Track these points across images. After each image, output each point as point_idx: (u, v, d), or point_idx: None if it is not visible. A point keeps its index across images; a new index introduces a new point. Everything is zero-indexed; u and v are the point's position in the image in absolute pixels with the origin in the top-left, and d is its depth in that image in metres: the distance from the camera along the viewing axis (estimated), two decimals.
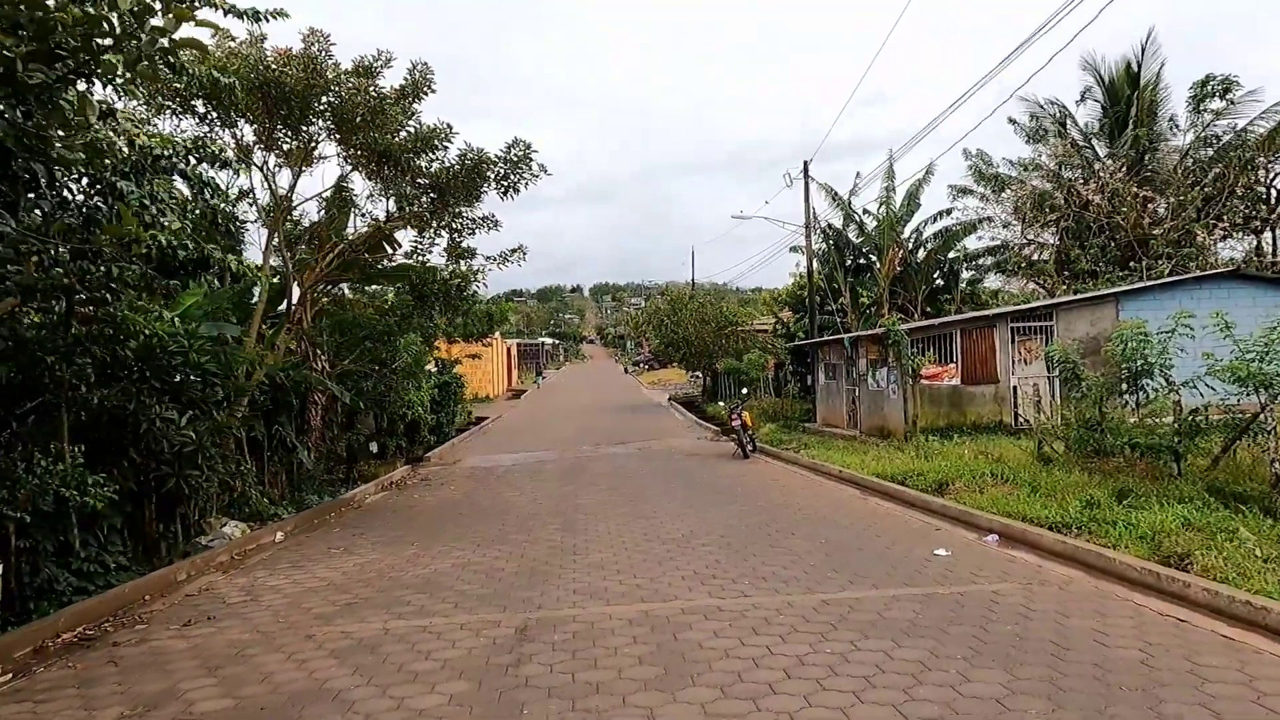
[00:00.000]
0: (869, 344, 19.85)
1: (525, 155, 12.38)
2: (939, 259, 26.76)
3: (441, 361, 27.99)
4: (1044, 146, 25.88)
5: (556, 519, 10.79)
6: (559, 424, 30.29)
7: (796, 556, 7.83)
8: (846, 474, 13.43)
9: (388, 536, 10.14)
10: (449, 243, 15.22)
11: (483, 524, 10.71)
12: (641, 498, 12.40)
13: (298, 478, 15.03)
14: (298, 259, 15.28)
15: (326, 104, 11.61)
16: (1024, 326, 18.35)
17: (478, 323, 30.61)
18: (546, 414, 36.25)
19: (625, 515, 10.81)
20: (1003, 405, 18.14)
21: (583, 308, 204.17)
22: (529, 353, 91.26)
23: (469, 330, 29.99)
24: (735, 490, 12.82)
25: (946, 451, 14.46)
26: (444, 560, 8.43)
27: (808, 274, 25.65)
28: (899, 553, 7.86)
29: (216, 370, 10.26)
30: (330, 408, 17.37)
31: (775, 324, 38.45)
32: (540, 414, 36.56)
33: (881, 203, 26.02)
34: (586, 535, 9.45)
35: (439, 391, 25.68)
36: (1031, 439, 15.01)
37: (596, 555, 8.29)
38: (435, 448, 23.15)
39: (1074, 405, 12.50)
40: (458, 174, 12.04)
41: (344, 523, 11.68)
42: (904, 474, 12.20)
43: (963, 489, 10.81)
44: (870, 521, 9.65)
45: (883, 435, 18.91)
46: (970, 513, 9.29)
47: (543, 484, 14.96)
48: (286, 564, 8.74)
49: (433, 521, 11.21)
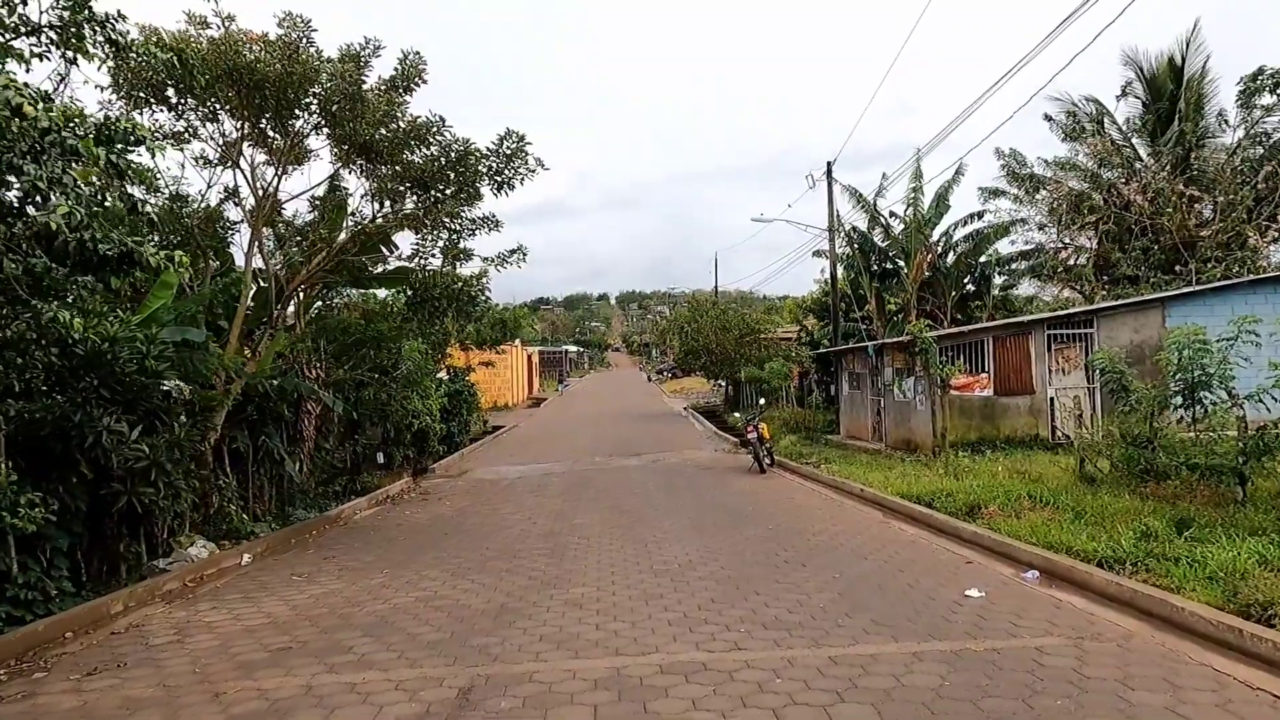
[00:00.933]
0: (895, 352, 18.74)
1: (519, 148, 11.47)
2: (969, 263, 25.47)
3: (453, 369, 27.23)
4: (1081, 145, 24.57)
5: (546, 542, 9.84)
6: (574, 434, 29.41)
7: (805, 595, 6.81)
8: (868, 493, 12.35)
9: (360, 561, 9.26)
10: (445, 243, 14.39)
11: (466, 547, 9.79)
12: (644, 518, 11.43)
13: (287, 492, 14.27)
14: (289, 260, 14.55)
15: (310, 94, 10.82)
16: (1061, 334, 17.14)
17: (490, 329, 29.92)
18: (563, 423, 35.38)
19: (622, 538, 9.84)
20: (1039, 418, 16.94)
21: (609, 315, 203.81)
22: (552, 360, 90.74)
23: (481, 337, 29.30)
24: (746, 510, 11.80)
25: (978, 469, 13.33)
26: (409, 593, 7.52)
27: (830, 279, 24.55)
28: (924, 592, 6.80)
29: (178, 379, 9.47)
30: (326, 417, 16.61)
31: (799, 331, 37.33)
32: (557, 423, 35.71)
33: (908, 204, 24.82)
34: (573, 564, 8.49)
35: (449, 400, 24.90)
36: (1072, 456, 13.83)
37: (578, 589, 7.33)
38: (445, 458, 22.35)
39: (1121, 419, 11.36)
40: (442, 167, 11.11)
41: (321, 543, 10.83)
42: (931, 494, 11.11)
43: (997, 513, 9.71)
44: (893, 551, 8.58)
45: (909, 449, 17.77)
46: (1007, 543, 8.18)
47: (543, 499, 14.04)
48: (238, 594, 7.88)
49: (414, 543, 10.32)
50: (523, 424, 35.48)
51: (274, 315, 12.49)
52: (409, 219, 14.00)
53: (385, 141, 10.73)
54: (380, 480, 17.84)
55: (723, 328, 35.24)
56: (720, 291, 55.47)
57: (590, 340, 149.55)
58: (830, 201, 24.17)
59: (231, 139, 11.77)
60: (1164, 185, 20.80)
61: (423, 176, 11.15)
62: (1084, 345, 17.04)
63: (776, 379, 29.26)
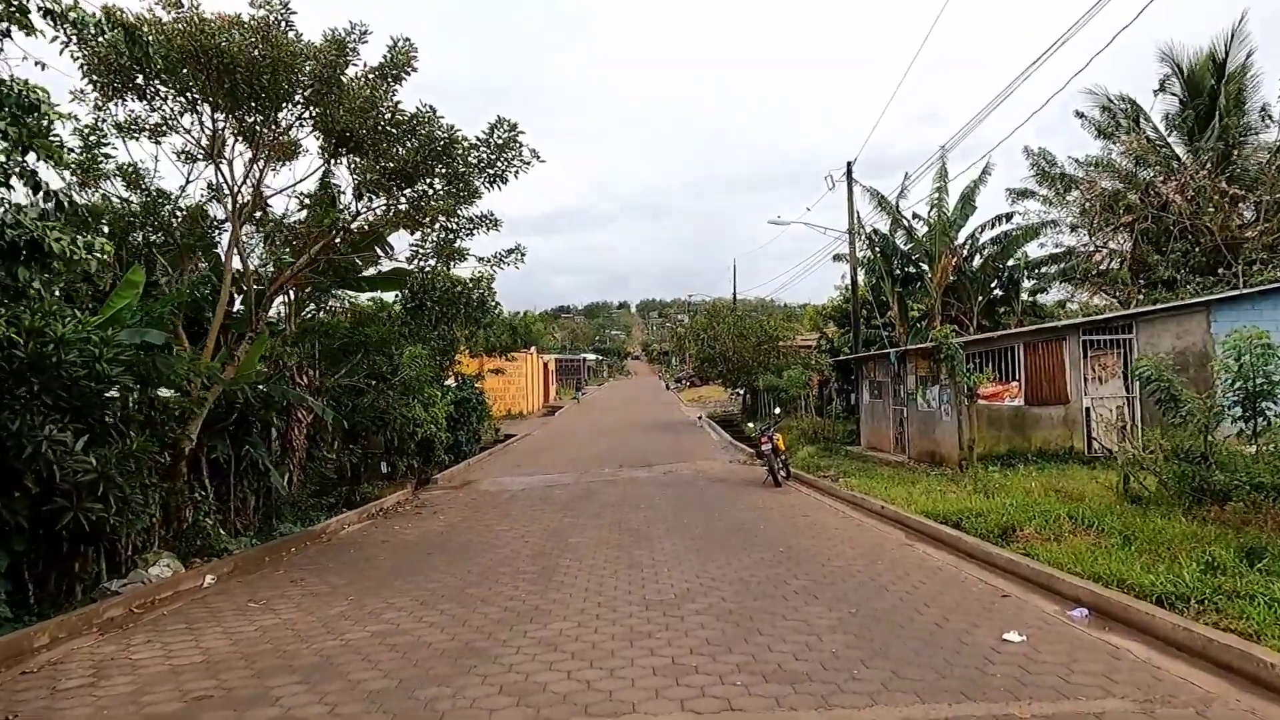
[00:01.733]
0: (918, 359, 17.72)
1: (512, 138, 10.65)
2: (997, 267, 24.31)
3: (462, 376, 26.48)
4: (1115, 143, 23.42)
5: (535, 564, 8.97)
6: (586, 443, 28.55)
7: (815, 637, 5.88)
8: (889, 511, 11.36)
9: (328, 585, 8.43)
10: (437, 242, 13.60)
11: (446, 570, 8.93)
12: (645, 537, 10.52)
13: (274, 504, 13.52)
14: (279, 260, 13.84)
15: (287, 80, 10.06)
16: (1097, 340, 16.07)
17: (500, 336, 29.17)
18: (577, 432, 34.54)
19: (617, 561, 8.94)
20: (1073, 429, 15.86)
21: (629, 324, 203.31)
22: (569, 368, 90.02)
23: (491, 344, 28.55)
24: (756, 529, 10.87)
25: (1010, 484, 12.31)
26: (368, 626, 6.67)
27: (850, 283, 23.55)
28: (955, 634, 5.85)
29: (132, 385, 8.71)
30: (320, 426, 15.88)
31: (819, 339, 36.27)
32: (570, 432, 34.87)
33: (932, 205, 23.74)
34: (558, 592, 7.60)
35: (456, 408, 24.14)
36: (1112, 471, 12.80)
37: (556, 625, 6.44)
38: (450, 467, 21.58)
39: (1171, 433, 10.31)
40: (426, 158, 10.27)
41: (296, 562, 10.02)
42: (959, 514, 10.12)
43: (1034, 537, 8.72)
44: (917, 580, 7.62)
45: (934, 462, 16.74)
46: (1048, 574, 7.19)
47: (542, 514, 13.18)
48: (182, 624, 7.07)
49: (393, 564, 9.48)
50: (536, 432, 34.69)
51: (255, 318, 11.74)
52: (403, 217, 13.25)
53: (365, 130, 9.90)
54: (384, 490, 17.12)
55: (740, 335, 34.23)
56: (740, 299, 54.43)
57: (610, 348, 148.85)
58: (850, 203, 23.20)
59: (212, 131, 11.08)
60: (1205, 183, 19.61)
61: (405, 168, 10.30)
62: (1122, 352, 15.95)
63: (795, 387, 28.22)
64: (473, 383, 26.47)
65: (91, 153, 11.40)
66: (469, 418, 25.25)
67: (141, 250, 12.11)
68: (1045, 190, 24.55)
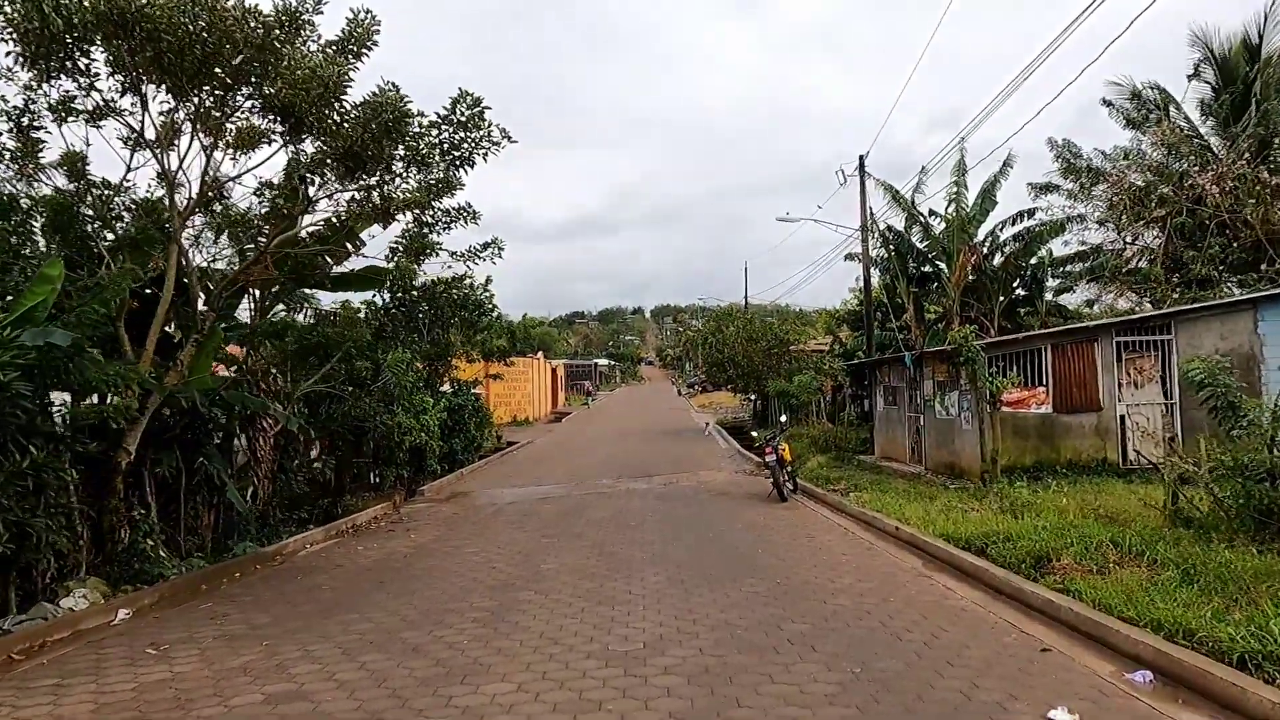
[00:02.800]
0: (936, 362, 16.43)
1: (477, 114, 9.47)
2: (1019, 265, 22.89)
3: (457, 382, 25.36)
4: (1145, 133, 22.01)
5: (492, 599, 7.78)
6: (588, 451, 27.39)
7: (808, 711, 4.66)
8: (905, 533, 10.10)
9: (249, 624, 7.27)
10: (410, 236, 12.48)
11: (389, 605, 7.76)
12: (626, 564, 9.32)
13: (233, 521, 12.44)
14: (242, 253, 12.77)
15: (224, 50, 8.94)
16: (1132, 341, 14.72)
17: (498, 340, 28.03)
18: (581, 439, 33.38)
19: (588, 595, 7.75)
20: (1106, 439, 14.51)
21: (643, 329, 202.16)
22: (580, 374, 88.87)
23: (488, 349, 27.41)
24: (754, 554, 9.64)
25: (1040, 502, 11.01)
26: (265, 685, 5.49)
27: (864, 282, 22.25)
28: (986, 711, 4.61)
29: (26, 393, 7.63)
30: (292, 436, 14.79)
31: (832, 343, 34.97)
32: (574, 439, 33.71)
33: (950, 200, 22.38)
34: (507, 638, 6.41)
35: (451, 415, 23.03)
36: (1153, 486, 11.50)
37: (491, 687, 5.24)
38: (443, 477, 20.49)
39: (1225, 444, 9.00)
40: (375, 135, 9.04)
41: (229, 592, 8.89)
42: (984, 537, 8.86)
43: (1073, 568, 7.46)
44: (937, 626, 6.37)
45: (953, 474, 15.45)
46: (1097, 622, 5.92)
47: (521, 533, 12.01)
48: (53, 678, 5.92)
49: (333, 596, 8.33)
50: (539, 440, 33.57)
51: (202, 320, 10.64)
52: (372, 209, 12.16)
53: (309, 104, 8.72)
54: (366, 503, 16.08)
55: (749, 338, 32.96)
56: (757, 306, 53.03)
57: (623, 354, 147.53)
58: (863, 198, 21.94)
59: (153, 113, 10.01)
60: (1246, 172, 18.19)
61: (352, 147, 9.12)
62: (1159, 354, 14.61)
63: (806, 393, 26.95)
64: (469, 388, 25.33)
65: (25, 137, 10.36)
66: (465, 425, 24.13)
67: (84, 245, 11.08)
68: (1070, 184, 23.17)
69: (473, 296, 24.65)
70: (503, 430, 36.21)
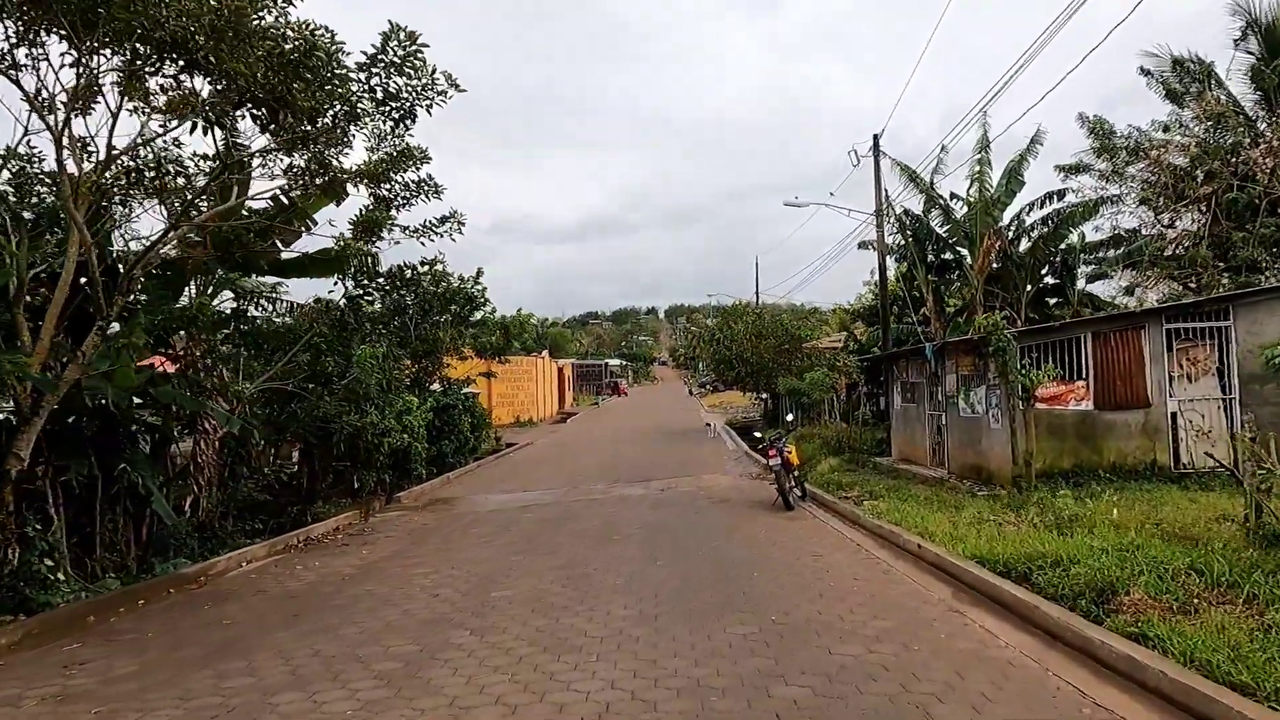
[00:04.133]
0: (959, 355, 14.77)
1: (412, 53, 7.93)
2: (1048, 250, 21.10)
3: (447, 380, 23.89)
4: (1185, 108, 20.23)
5: (416, 642, 6.26)
6: (588, 453, 25.88)
7: None
8: (930, 553, 8.49)
9: (108, 674, 5.79)
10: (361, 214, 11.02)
11: (289, 648, 6.26)
12: (595, 590, 7.78)
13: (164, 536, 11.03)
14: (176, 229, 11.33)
15: None
16: (1184, 329, 13.04)
17: (491, 337, 26.51)
18: (583, 441, 31.87)
19: (535, 637, 6.22)
20: (1155, 439, 12.83)
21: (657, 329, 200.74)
22: (590, 374, 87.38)
23: (480, 345, 25.91)
24: (749, 578, 8.07)
25: (1089, 514, 9.36)
26: None
27: (879, 271, 20.57)
28: None
29: None
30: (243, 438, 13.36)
31: (846, 338, 33.26)
32: (576, 441, 32.19)
33: (972, 179, 20.64)
34: (407, 706, 4.88)
35: (439, 415, 21.59)
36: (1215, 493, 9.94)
37: None
38: (428, 481, 19.07)
39: None
40: (283, 73, 7.47)
41: (115, 627, 7.42)
42: (1027, 560, 7.27)
43: (1149, 604, 5.85)
44: (978, 691, 4.77)
45: (980, 478, 13.80)
46: (1207, 695, 4.31)
47: (489, 549, 10.52)
48: None
49: (229, 635, 6.84)
50: (540, 441, 32.11)
51: (106, 306, 9.16)
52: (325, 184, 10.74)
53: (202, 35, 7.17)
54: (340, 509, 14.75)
55: (759, 335, 31.35)
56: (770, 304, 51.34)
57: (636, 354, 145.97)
58: (878, 180, 20.28)
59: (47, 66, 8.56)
60: None
61: (254, 89, 7.55)
62: (1215, 343, 12.92)
63: (817, 391, 25.30)
64: (460, 387, 23.86)
65: None
66: (457, 426, 22.67)
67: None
68: (1102, 164, 21.40)
69: (463, 289, 23.29)
70: (504, 431, 34.75)
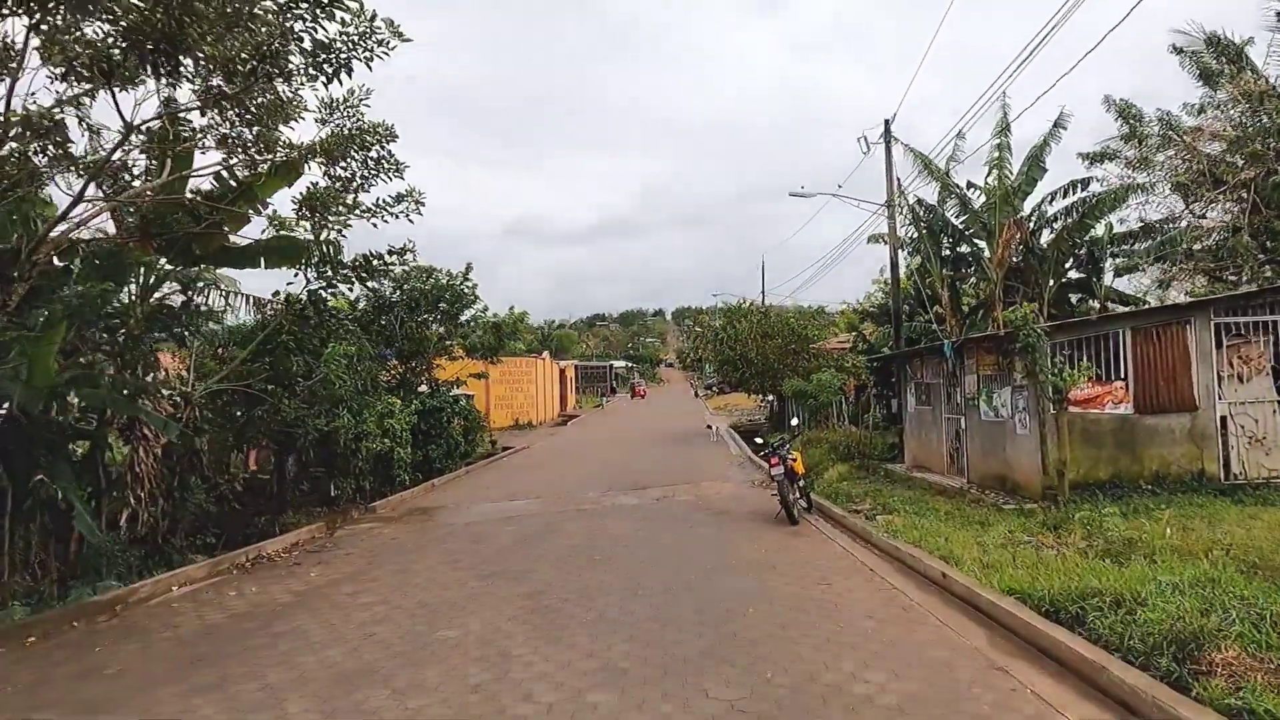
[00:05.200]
0: (981, 353, 13.45)
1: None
2: (1072, 242, 19.72)
3: (435, 382, 22.68)
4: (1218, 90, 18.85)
5: (319, 706, 5.02)
6: (585, 459, 24.60)
7: None
8: (957, 584, 7.17)
9: None
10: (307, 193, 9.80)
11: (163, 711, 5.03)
12: (559, 631, 6.52)
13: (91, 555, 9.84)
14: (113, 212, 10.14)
15: None
16: (1235, 323, 11.72)
17: (483, 335, 25.30)
18: (582, 445, 30.61)
19: (467, 703, 4.96)
20: (1203, 446, 11.49)
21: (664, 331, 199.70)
22: (595, 375, 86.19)
23: (471, 344, 24.71)
24: (742, 616, 6.79)
25: (1143, 535, 8.04)
26: None
27: (890, 264, 19.24)
28: None
29: None
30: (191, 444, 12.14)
31: (855, 339, 31.90)
32: (575, 445, 30.93)
33: (991, 167, 19.26)
34: None
35: (425, 419, 20.37)
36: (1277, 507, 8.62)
37: None
38: (412, 488, 17.87)
39: None
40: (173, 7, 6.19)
41: None
42: (1079, 598, 5.96)
43: (1247, 664, 4.57)
44: None
45: (1005, 488, 12.48)
46: None
47: (452, 573, 9.26)
48: None
49: (99, 692, 5.60)
50: (538, 445, 30.90)
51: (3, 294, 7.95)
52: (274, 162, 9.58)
53: None
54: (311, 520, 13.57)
55: (764, 334, 30.03)
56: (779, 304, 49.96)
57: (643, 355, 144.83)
58: (889, 168, 18.93)
59: None
60: None
61: (145, 27, 6.29)
62: (1272, 339, 11.60)
63: (825, 393, 24.01)
64: (448, 390, 22.63)
65: None
66: (446, 429, 21.43)
67: None
68: (1130, 151, 20.02)
69: (452, 286, 22.07)
70: (501, 435, 33.56)
